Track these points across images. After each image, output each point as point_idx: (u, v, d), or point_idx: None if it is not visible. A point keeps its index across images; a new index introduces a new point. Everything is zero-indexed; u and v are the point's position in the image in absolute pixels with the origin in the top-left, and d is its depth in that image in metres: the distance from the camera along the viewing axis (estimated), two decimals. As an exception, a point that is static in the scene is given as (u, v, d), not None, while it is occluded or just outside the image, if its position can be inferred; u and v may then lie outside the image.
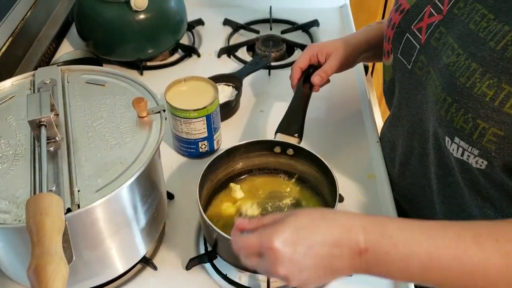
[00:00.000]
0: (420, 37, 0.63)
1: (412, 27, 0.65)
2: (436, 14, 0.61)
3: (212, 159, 0.70)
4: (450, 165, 0.62)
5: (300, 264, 0.49)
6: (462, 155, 0.57)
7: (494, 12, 0.52)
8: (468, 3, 0.56)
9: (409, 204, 0.78)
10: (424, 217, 0.52)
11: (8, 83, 0.66)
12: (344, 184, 0.81)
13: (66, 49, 1.11)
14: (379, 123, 0.99)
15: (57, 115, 0.60)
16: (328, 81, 0.84)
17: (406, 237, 0.49)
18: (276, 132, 0.76)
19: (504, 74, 0.50)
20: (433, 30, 0.61)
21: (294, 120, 0.78)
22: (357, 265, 0.50)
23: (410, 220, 0.51)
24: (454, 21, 0.58)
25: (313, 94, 0.85)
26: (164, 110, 0.62)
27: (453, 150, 0.58)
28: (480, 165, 0.56)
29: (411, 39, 0.65)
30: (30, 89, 0.65)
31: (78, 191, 0.53)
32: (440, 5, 0.61)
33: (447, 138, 0.58)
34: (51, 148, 0.57)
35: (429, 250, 0.48)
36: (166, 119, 0.62)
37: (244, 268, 0.68)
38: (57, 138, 0.57)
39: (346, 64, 0.83)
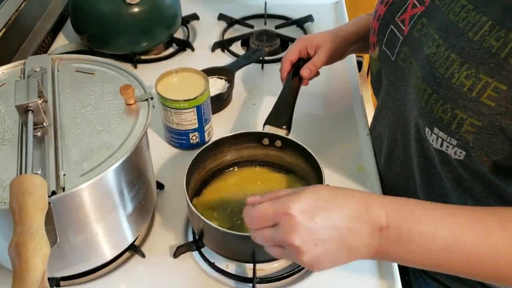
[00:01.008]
0: (404, 28, 0.64)
1: (396, 18, 0.66)
2: (419, 6, 0.62)
3: (199, 150, 0.71)
4: (431, 156, 0.63)
5: (316, 235, 0.46)
6: (442, 145, 0.57)
7: (473, 2, 0.53)
8: None
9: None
10: None
11: (-2, 71, 0.67)
12: (334, 176, 0.82)
13: (61, 43, 1.12)
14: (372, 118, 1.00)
15: (45, 101, 0.61)
16: (317, 74, 0.84)
17: (429, 214, 0.47)
18: (264, 124, 0.76)
19: (481, 65, 0.50)
20: (415, 21, 0.62)
21: (282, 113, 0.78)
22: (376, 243, 0.47)
23: (430, 202, 0.50)
24: (436, 12, 0.59)
25: (307, 89, 0.86)
26: (151, 98, 0.63)
27: (432, 140, 0.58)
28: (459, 156, 0.56)
29: (395, 30, 0.66)
30: (20, 77, 0.66)
31: (64, 175, 0.53)
32: None
33: (427, 129, 0.58)
34: (38, 134, 0.57)
35: (454, 230, 0.46)
36: (153, 106, 0.63)
37: (229, 257, 0.68)
38: (44, 123, 0.58)
39: (335, 56, 0.83)
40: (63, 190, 0.52)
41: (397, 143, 0.71)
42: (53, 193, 0.51)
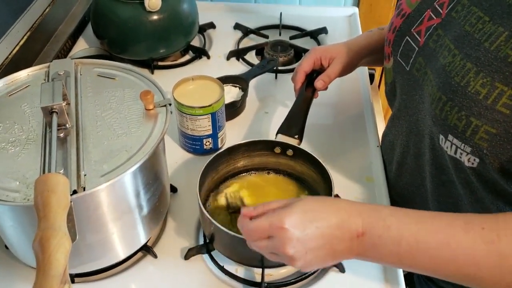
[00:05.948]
0: (419, 39, 0.66)
1: (412, 30, 0.68)
2: (435, 18, 0.64)
3: (213, 156, 0.73)
4: (445, 164, 0.64)
5: (307, 244, 0.53)
6: (455, 153, 0.59)
7: (489, 14, 0.54)
8: (465, 7, 0.59)
9: (406, 204, 0.80)
10: None
11: (24, 73, 0.70)
12: (343, 186, 0.83)
13: (81, 47, 1.15)
14: (382, 130, 1.01)
15: (68, 104, 0.64)
16: (325, 88, 0.86)
17: (397, 221, 0.53)
18: (277, 133, 0.78)
19: (497, 73, 0.52)
20: (431, 32, 0.64)
21: (295, 123, 0.80)
22: (355, 248, 0.54)
23: (404, 208, 0.56)
24: (452, 24, 0.60)
25: (319, 99, 0.88)
26: (170, 104, 0.65)
27: (447, 148, 0.60)
28: (472, 163, 0.58)
29: (410, 41, 0.68)
30: (45, 79, 0.69)
31: (85, 175, 0.56)
32: (439, 9, 0.63)
33: (441, 136, 0.60)
34: (61, 134, 0.60)
35: (418, 234, 0.52)
36: (171, 112, 0.65)
37: (239, 261, 0.70)
38: (67, 125, 0.61)
39: (348, 68, 0.85)
40: (84, 189, 0.54)
41: (409, 151, 0.73)
42: (74, 192, 0.53)
